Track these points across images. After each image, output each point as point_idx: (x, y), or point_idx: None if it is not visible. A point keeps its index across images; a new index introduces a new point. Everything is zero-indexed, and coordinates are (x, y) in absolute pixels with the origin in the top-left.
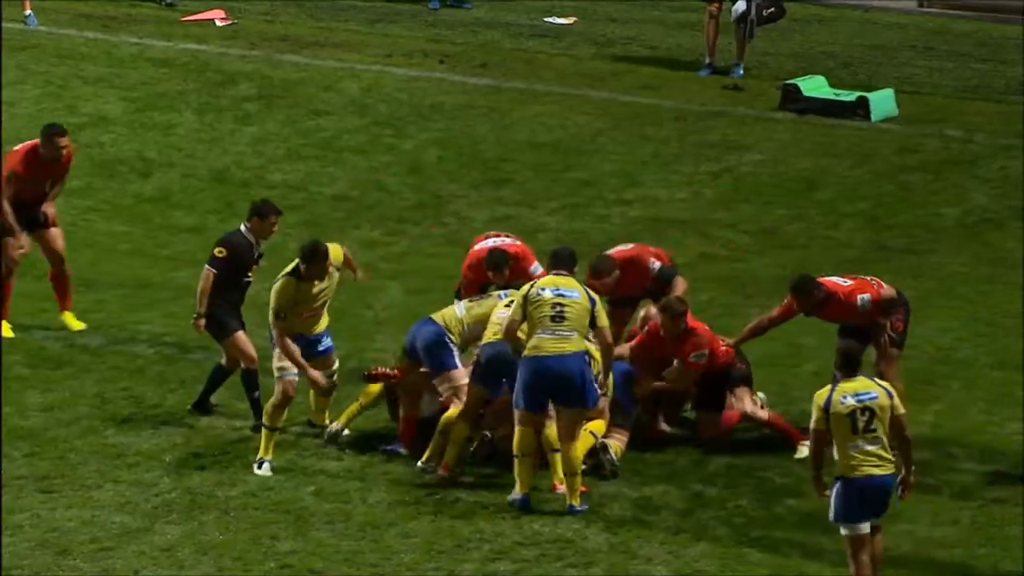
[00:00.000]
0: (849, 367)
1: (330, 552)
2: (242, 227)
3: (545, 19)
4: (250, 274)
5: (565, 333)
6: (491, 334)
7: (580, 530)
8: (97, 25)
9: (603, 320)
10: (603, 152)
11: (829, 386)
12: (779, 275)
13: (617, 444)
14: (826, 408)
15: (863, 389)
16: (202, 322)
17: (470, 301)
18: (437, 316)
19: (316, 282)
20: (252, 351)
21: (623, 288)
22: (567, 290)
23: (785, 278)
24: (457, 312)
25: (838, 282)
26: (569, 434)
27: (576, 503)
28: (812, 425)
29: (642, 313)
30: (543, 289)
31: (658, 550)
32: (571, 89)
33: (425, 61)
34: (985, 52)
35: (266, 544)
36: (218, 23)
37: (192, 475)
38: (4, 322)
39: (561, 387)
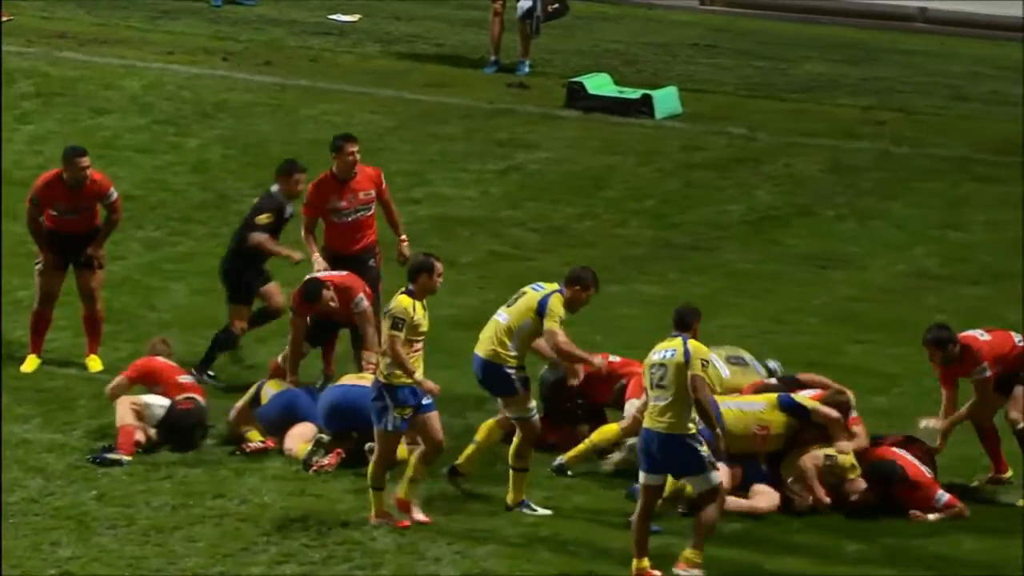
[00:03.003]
0: (678, 324)
1: (113, 558)
2: (272, 189)
3: (329, 17)
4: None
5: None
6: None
7: (368, 531)
8: None
9: None
10: (391, 150)
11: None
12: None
13: None
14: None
15: (668, 347)
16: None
17: None
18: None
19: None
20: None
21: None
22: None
23: None
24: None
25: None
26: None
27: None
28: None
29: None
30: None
31: (446, 550)
32: (357, 87)
33: (208, 59)
34: (767, 50)
35: (47, 551)
36: None
37: None
38: (32, 356)
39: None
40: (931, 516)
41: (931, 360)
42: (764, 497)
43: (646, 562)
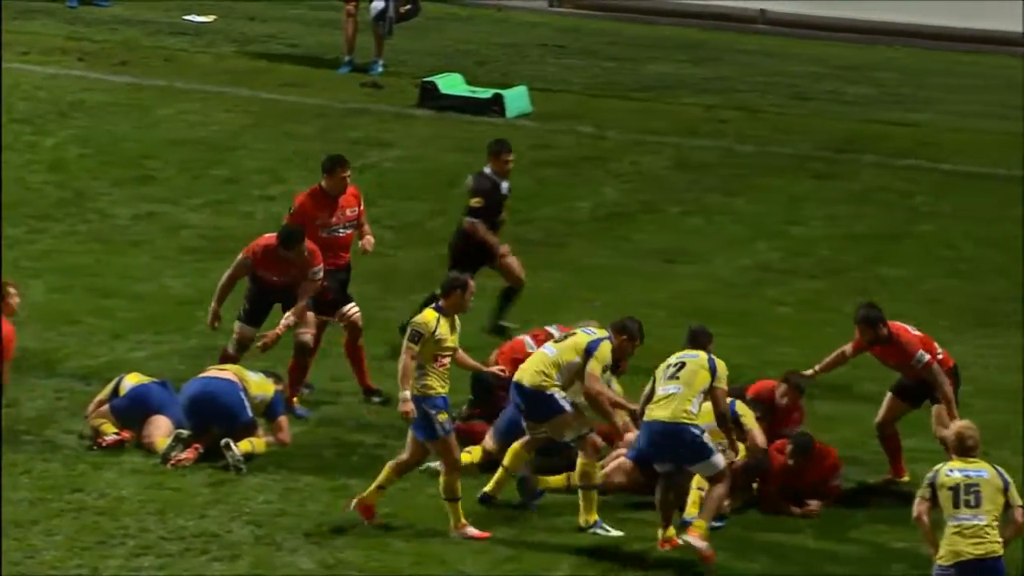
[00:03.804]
0: (691, 341)
1: None
2: (485, 170)
3: (184, 17)
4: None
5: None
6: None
7: (225, 523)
8: None
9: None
10: (247, 149)
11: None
12: (422, 269)
13: None
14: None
15: (690, 352)
16: None
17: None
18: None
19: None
20: None
21: None
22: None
23: (429, 272)
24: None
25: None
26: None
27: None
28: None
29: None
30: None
31: (302, 541)
32: (213, 87)
33: (64, 58)
34: (614, 51)
35: None
36: None
37: None
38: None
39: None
40: (813, 504)
41: (860, 339)
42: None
43: (671, 531)
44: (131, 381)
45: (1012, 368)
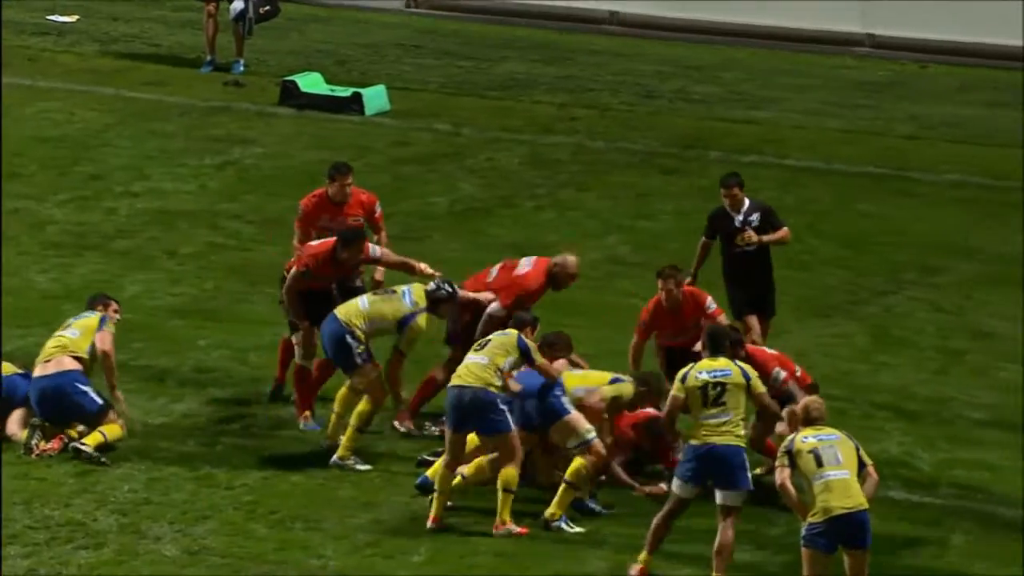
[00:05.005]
0: (714, 348)
1: None
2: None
3: (47, 17)
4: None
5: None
6: None
7: (91, 512)
8: None
9: None
10: (111, 146)
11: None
12: (282, 264)
13: None
14: (683, 379)
15: (719, 367)
16: None
17: (374, 295)
18: (341, 313)
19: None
20: None
21: None
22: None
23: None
24: (360, 306)
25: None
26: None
27: None
28: (671, 391)
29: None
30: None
31: (167, 529)
32: (77, 85)
33: None
34: (469, 51)
35: None
36: None
37: None
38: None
39: None
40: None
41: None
42: None
43: (649, 558)
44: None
45: (847, 357)
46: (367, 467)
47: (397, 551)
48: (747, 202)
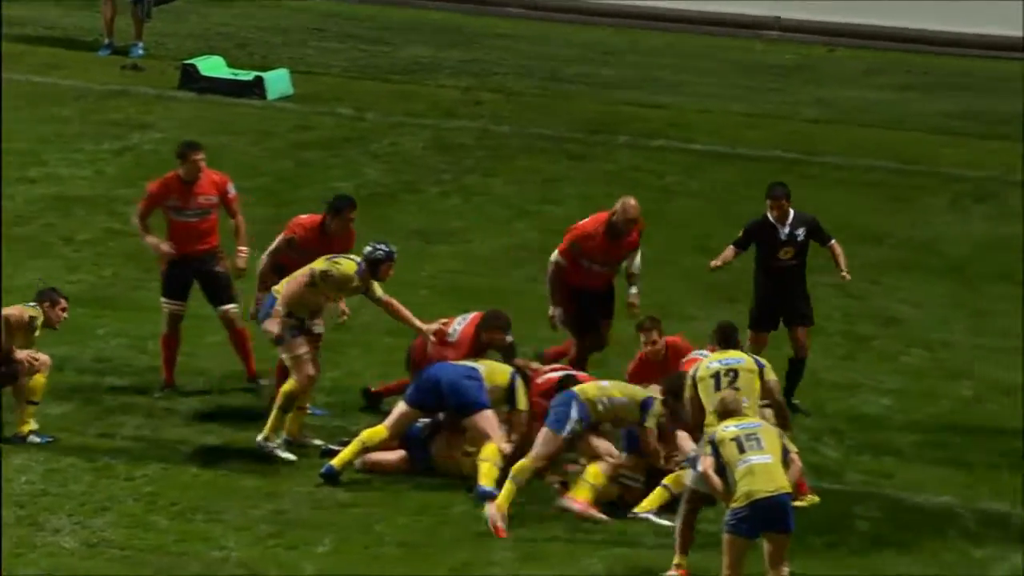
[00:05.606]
0: (724, 341)
1: None
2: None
3: None
4: None
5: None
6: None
7: None
8: None
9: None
10: (5, 131)
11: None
12: None
13: None
14: (693, 376)
15: (730, 356)
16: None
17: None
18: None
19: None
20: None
21: None
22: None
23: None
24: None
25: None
26: None
27: None
28: (686, 395)
29: None
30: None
31: (65, 521)
32: None
33: None
34: (373, 34)
35: None
36: None
37: None
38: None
39: None
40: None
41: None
42: None
43: (684, 560)
44: None
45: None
46: (290, 456)
47: (300, 542)
48: (792, 213)
